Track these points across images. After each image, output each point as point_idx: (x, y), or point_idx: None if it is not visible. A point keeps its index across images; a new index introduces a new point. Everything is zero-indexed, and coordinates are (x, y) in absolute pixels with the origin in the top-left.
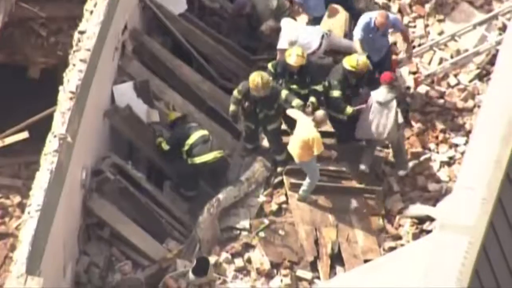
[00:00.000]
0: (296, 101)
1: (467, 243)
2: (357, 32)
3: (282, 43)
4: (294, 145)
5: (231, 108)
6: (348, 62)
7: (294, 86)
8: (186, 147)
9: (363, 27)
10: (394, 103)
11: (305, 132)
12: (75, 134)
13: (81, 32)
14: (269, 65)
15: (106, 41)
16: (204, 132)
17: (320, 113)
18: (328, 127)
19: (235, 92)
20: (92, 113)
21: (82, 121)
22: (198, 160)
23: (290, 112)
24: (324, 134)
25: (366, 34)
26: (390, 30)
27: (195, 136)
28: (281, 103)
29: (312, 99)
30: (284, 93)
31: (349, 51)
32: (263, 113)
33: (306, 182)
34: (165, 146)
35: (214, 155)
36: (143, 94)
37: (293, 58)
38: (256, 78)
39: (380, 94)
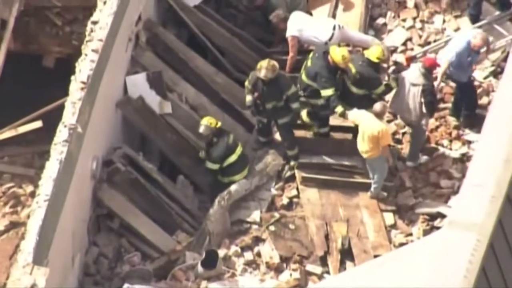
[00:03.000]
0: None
1: (475, 241)
2: (451, 55)
3: (290, 31)
4: (362, 143)
5: (247, 99)
6: (373, 54)
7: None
8: (225, 164)
9: (462, 51)
10: (420, 89)
11: (371, 127)
12: (86, 124)
13: (94, 22)
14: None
15: (119, 31)
16: (239, 147)
17: (378, 105)
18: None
19: (246, 83)
20: (104, 103)
21: (94, 111)
22: (232, 179)
23: (350, 116)
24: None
25: (464, 58)
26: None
27: (237, 153)
28: (290, 96)
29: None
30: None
31: (362, 46)
32: (272, 104)
33: (376, 179)
34: (213, 166)
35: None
36: (156, 85)
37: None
38: (261, 62)
39: (412, 74)
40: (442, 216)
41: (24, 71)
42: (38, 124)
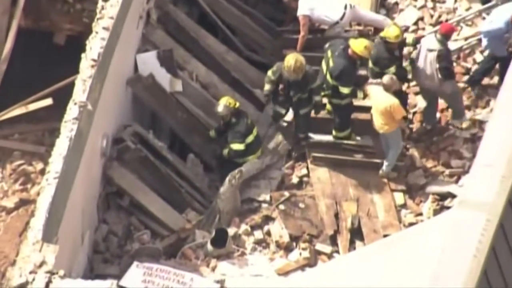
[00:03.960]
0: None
1: (485, 220)
2: (492, 27)
3: (302, 9)
4: (376, 118)
5: (265, 88)
6: (391, 34)
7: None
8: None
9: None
10: (435, 54)
11: (381, 101)
12: (96, 102)
13: (105, 0)
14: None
15: (130, 9)
16: (255, 128)
17: (386, 77)
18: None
19: (269, 72)
20: (115, 81)
21: (104, 89)
22: (247, 159)
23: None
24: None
25: (503, 32)
26: None
27: (254, 133)
28: (314, 88)
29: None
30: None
31: (374, 25)
32: (297, 97)
33: (390, 156)
34: (240, 146)
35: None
36: (167, 63)
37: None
38: (290, 60)
39: (429, 40)
40: (452, 196)
41: (35, 48)
42: (48, 101)
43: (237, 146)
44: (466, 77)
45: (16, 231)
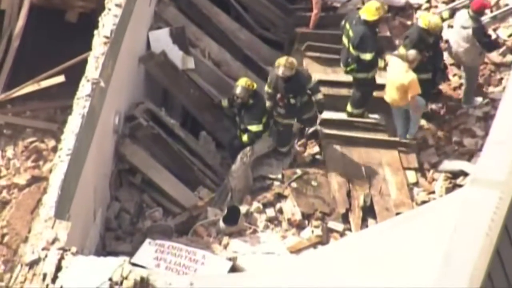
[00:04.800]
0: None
1: (497, 198)
2: None
3: None
4: (390, 90)
5: (267, 104)
6: (422, 21)
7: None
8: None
9: None
10: (469, 32)
11: (400, 75)
12: (109, 79)
13: None
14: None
15: None
16: None
17: (412, 51)
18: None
19: (266, 88)
20: (127, 58)
21: (116, 66)
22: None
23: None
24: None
25: None
26: None
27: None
28: (312, 88)
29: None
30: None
31: (388, 3)
32: (298, 101)
33: (413, 120)
34: (258, 127)
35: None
36: (179, 40)
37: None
38: (280, 60)
39: (462, 17)
40: (465, 174)
41: (47, 25)
42: (60, 78)
43: (256, 128)
44: None
45: (27, 208)
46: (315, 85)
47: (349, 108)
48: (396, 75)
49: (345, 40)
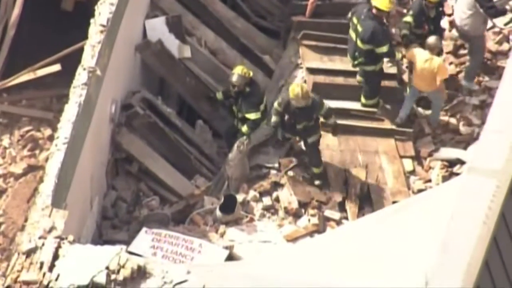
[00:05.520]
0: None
1: (494, 187)
2: None
3: None
4: (418, 78)
5: (273, 119)
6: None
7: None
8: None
9: None
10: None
11: (427, 62)
12: (105, 67)
13: None
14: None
15: None
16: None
17: (432, 38)
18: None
19: (275, 105)
20: (123, 47)
21: (113, 55)
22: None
23: (407, 55)
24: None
25: None
26: None
27: (265, 99)
28: (324, 114)
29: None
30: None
31: None
32: (302, 125)
33: (433, 108)
34: (257, 115)
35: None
36: (175, 29)
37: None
38: (296, 88)
39: None
40: (462, 162)
41: (43, 14)
42: (56, 67)
43: (255, 116)
44: None
45: (24, 197)
46: (328, 110)
47: (363, 100)
48: (423, 63)
49: (352, 34)
